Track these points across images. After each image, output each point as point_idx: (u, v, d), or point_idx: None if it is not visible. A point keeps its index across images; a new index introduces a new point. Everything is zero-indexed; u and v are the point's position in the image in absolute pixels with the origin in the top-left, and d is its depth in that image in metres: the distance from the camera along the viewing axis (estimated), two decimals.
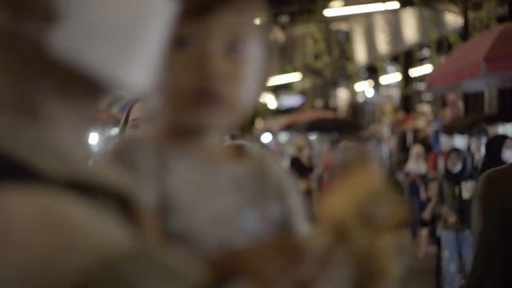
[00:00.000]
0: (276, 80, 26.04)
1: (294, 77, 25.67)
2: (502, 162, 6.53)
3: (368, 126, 21.43)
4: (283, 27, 16.84)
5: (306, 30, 17.10)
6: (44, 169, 0.66)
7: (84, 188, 0.69)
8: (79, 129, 0.76)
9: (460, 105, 12.92)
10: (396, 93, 20.94)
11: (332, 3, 13.02)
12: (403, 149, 18.06)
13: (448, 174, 7.52)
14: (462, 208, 7.31)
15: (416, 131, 17.18)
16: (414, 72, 18.54)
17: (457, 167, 7.45)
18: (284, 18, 14.27)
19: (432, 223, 8.71)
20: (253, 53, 1.20)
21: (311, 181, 14.23)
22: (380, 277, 1.09)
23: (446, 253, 7.46)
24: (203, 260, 0.97)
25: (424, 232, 10.54)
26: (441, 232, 7.71)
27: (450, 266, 7.43)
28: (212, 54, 1.13)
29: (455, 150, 7.75)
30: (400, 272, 1.11)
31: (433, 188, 9.15)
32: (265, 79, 1.25)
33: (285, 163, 18.80)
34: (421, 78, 18.24)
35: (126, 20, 0.71)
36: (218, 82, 1.12)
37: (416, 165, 12.83)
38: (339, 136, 19.11)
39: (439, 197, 7.66)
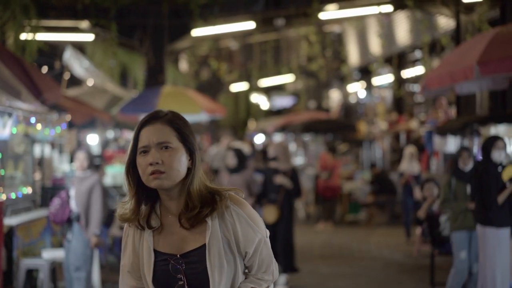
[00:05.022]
0: (269, 81, 26.21)
1: (286, 78, 25.83)
2: (492, 162, 6.74)
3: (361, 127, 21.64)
4: (279, 29, 17.03)
5: (300, 32, 17.27)
6: None
7: None
8: None
9: (449, 110, 13.13)
10: (388, 95, 21.15)
11: (327, 7, 13.18)
12: (396, 150, 18.29)
13: (459, 173, 7.63)
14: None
15: (409, 132, 17.41)
16: (407, 73, 18.75)
17: (468, 166, 7.59)
18: (280, 21, 14.44)
19: (427, 222, 8.86)
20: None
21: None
22: None
23: (463, 254, 7.47)
24: None
25: (418, 231, 10.73)
26: (452, 233, 7.63)
27: (464, 265, 7.47)
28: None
29: (466, 149, 7.81)
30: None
31: (429, 188, 9.33)
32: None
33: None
34: (413, 80, 18.47)
35: None
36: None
37: (409, 165, 13.04)
38: (333, 137, 19.31)
39: (446, 196, 7.69)
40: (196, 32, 14.05)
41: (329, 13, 13.63)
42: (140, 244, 2.46)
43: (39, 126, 7.86)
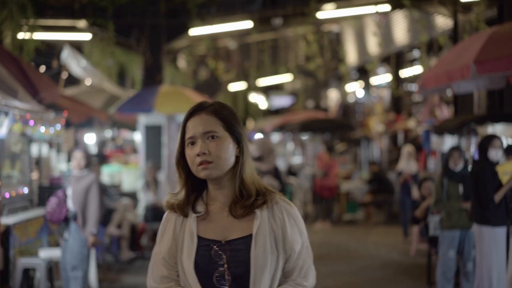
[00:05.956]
0: (267, 81, 26.23)
1: (285, 78, 25.84)
2: (488, 160, 6.75)
3: (359, 126, 21.67)
4: (276, 29, 17.04)
5: (298, 31, 17.28)
6: None
7: None
8: None
9: (445, 108, 13.15)
10: (386, 94, 21.17)
11: (324, 6, 13.19)
12: (392, 151, 18.30)
13: (450, 172, 7.60)
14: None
15: (407, 131, 17.43)
16: (405, 73, 18.77)
17: (459, 166, 7.58)
18: (278, 21, 14.46)
19: (424, 221, 8.85)
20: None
21: None
22: None
23: (452, 253, 7.48)
24: None
25: (415, 230, 10.75)
26: (442, 232, 7.58)
27: (452, 264, 7.48)
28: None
29: (457, 149, 7.78)
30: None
31: (427, 187, 9.30)
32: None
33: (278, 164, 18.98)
34: (411, 79, 18.49)
35: None
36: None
37: (407, 164, 13.05)
38: (331, 137, 19.32)
39: (438, 197, 7.66)
40: (194, 31, 14.06)
41: (327, 12, 13.64)
42: (181, 230, 2.46)
43: (35, 125, 7.85)
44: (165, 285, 2.45)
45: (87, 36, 13.95)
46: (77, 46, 14.27)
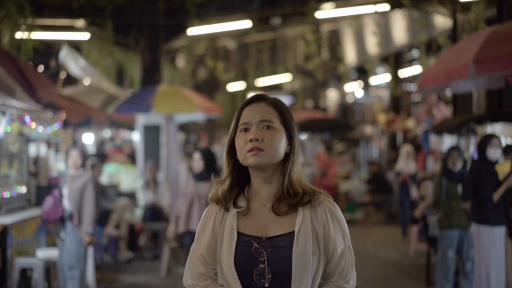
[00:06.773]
0: (266, 80, 26.21)
1: (284, 77, 25.82)
2: (486, 160, 6.73)
3: (358, 126, 21.65)
4: (275, 28, 17.04)
5: (297, 31, 17.25)
6: None
7: None
8: None
9: (443, 107, 13.13)
10: (385, 94, 21.15)
11: (323, 5, 13.17)
12: (393, 149, 18.28)
13: (449, 172, 7.59)
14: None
15: (406, 131, 17.41)
16: (404, 73, 18.75)
17: (458, 166, 7.56)
18: (277, 20, 14.44)
19: (423, 221, 8.84)
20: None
21: None
22: None
23: (451, 253, 7.49)
24: None
25: (414, 230, 10.73)
26: (441, 232, 7.58)
27: (451, 263, 7.47)
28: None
29: (455, 149, 7.76)
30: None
31: (426, 187, 9.25)
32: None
33: None
34: (410, 79, 18.47)
35: None
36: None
37: (406, 164, 13.03)
38: (330, 136, 19.30)
39: (437, 197, 7.65)
40: (192, 31, 14.03)
41: (326, 12, 13.61)
42: (221, 225, 2.42)
43: (33, 125, 7.83)
44: (202, 283, 2.41)
45: (85, 36, 13.93)
46: (75, 46, 14.24)
